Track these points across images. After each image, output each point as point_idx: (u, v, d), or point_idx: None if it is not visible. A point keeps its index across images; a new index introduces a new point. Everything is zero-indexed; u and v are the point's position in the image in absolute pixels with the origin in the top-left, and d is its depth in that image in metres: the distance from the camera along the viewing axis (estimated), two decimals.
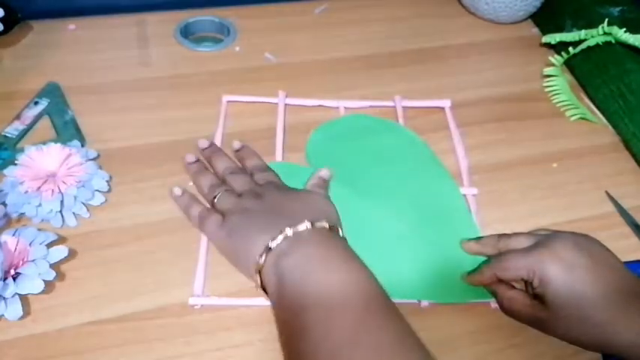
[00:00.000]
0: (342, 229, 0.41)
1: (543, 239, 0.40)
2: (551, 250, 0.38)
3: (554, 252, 0.38)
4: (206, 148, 0.48)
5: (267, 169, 0.47)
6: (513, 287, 0.41)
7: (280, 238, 0.37)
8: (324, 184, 0.46)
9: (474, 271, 0.42)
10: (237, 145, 0.49)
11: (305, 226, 0.38)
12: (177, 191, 0.46)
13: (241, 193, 0.43)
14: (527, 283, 0.40)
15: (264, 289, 0.38)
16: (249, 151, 0.49)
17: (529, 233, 0.42)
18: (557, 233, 0.40)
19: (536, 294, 0.39)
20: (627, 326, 0.35)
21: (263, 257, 0.37)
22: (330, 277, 0.35)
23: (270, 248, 0.37)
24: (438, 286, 0.43)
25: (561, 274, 0.37)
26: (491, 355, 0.41)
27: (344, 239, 0.40)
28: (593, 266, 0.37)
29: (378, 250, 0.45)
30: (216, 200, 0.43)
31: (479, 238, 0.45)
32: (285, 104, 0.56)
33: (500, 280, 0.41)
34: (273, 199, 0.42)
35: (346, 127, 0.54)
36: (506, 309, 0.41)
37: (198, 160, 0.48)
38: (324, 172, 0.47)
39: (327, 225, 0.39)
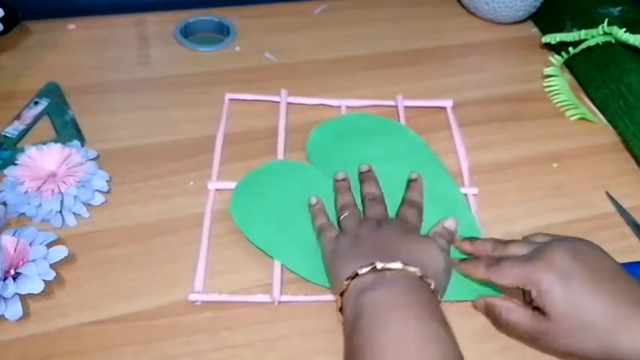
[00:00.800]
0: (437, 283, 0.38)
1: (541, 247, 0.39)
2: (547, 261, 0.37)
3: (551, 262, 0.37)
4: (365, 172, 0.48)
5: (417, 205, 0.46)
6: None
7: (368, 268, 0.37)
8: (449, 235, 0.44)
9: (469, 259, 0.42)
10: (414, 176, 0.48)
11: (396, 265, 0.37)
12: (313, 200, 0.46)
13: (367, 217, 0.43)
14: (525, 293, 0.39)
15: (341, 311, 0.39)
16: (417, 183, 0.48)
17: (526, 240, 0.41)
18: (555, 242, 0.39)
19: (535, 305, 0.38)
20: (629, 334, 0.34)
21: (347, 282, 0.38)
22: (407, 330, 0.34)
23: (357, 274, 0.37)
24: None
25: (558, 285, 0.36)
26: (493, 354, 0.40)
27: (433, 293, 0.38)
28: (591, 275, 0.36)
29: None
30: (341, 218, 0.44)
31: (473, 239, 0.44)
32: (287, 103, 0.56)
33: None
34: (389, 232, 0.41)
35: (348, 126, 0.54)
36: (502, 320, 0.39)
37: (345, 179, 0.48)
38: (449, 223, 0.44)
39: (418, 272, 0.37)
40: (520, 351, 0.40)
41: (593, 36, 0.58)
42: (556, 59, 0.60)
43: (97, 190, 0.46)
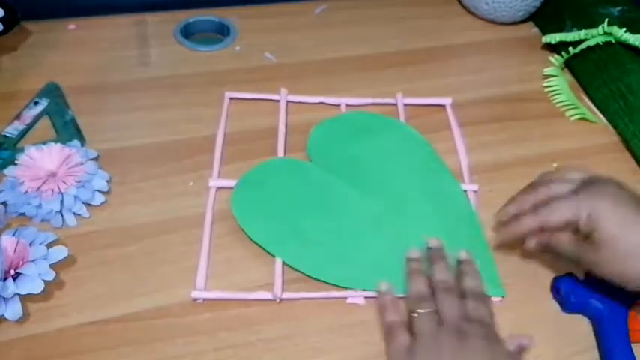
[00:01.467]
0: None
1: (587, 182, 0.40)
2: (599, 189, 0.39)
3: (602, 191, 0.38)
4: (434, 248, 0.43)
5: (484, 296, 0.40)
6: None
7: None
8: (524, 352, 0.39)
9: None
10: (464, 255, 0.43)
11: None
12: (384, 286, 0.41)
13: (445, 320, 0.37)
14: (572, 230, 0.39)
15: None
16: (472, 267, 0.42)
17: (560, 179, 0.42)
18: (597, 177, 0.40)
19: (583, 235, 0.38)
20: None
21: None
22: None
23: None
24: None
25: (611, 209, 0.37)
26: None
27: None
28: (636, 203, 0.38)
29: (380, 246, 0.45)
30: (414, 316, 0.38)
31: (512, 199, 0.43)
32: (287, 101, 0.56)
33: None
34: (473, 349, 0.35)
35: (348, 124, 0.55)
36: (552, 242, 0.40)
37: (419, 259, 0.43)
38: (525, 341, 0.39)
39: None
40: None
41: (593, 36, 0.58)
42: (556, 59, 0.60)
43: (97, 190, 0.46)
